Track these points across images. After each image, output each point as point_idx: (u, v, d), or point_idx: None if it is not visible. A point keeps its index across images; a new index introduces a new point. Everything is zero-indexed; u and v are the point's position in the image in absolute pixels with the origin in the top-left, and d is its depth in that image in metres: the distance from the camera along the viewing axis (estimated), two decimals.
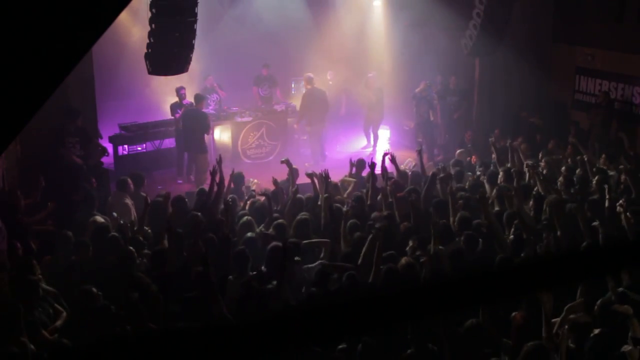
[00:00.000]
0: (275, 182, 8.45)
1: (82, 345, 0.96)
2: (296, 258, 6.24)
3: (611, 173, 8.96)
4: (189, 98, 12.12)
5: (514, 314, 5.26)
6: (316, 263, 6.42)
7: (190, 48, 9.50)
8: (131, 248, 6.40)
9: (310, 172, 8.40)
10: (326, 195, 7.59)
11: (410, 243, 6.62)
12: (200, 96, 11.57)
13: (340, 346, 4.88)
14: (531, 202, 7.89)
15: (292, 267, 6.18)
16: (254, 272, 6.12)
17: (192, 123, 11.41)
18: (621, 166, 8.86)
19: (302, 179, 8.91)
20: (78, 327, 5.49)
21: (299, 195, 8.03)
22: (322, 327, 1.03)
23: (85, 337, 5.29)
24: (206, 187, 8.50)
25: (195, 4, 9.08)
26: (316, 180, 8.24)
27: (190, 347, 0.98)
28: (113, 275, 6.18)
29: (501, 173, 8.90)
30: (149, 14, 8.98)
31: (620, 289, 5.46)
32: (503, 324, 5.30)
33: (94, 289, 5.57)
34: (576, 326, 5.08)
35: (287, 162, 8.75)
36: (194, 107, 11.53)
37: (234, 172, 8.81)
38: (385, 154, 9.43)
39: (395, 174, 9.25)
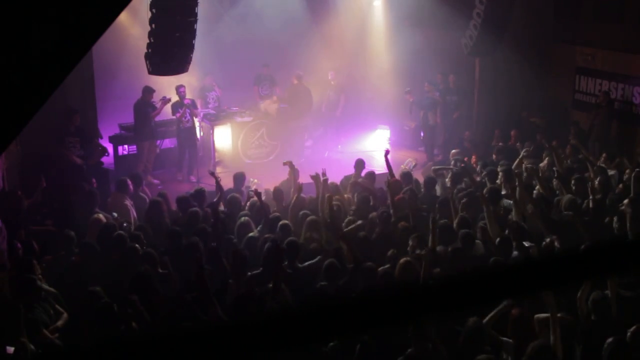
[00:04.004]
0: (290, 164, 8.64)
1: (83, 346, 0.97)
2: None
3: (611, 172, 8.96)
4: (189, 97, 12.13)
5: (512, 310, 5.27)
6: (316, 259, 6.45)
7: (190, 48, 9.50)
8: (137, 245, 6.41)
9: (314, 174, 8.38)
10: (328, 195, 7.62)
11: (410, 242, 6.63)
12: (148, 88, 11.52)
13: (332, 344, 4.87)
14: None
15: (292, 267, 6.20)
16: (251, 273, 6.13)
17: (139, 115, 11.51)
18: (622, 168, 8.87)
19: (303, 179, 8.92)
20: (79, 327, 5.49)
21: (301, 195, 8.07)
22: (318, 327, 1.03)
23: (86, 337, 5.29)
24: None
25: (195, 4, 9.08)
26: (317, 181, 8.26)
27: (185, 348, 0.99)
28: (117, 274, 6.18)
29: (500, 174, 8.92)
30: (149, 14, 8.98)
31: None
32: (502, 323, 5.30)
33: (98, 288, 5.58)
34: (565, 325, 5.09)
35: (290, 164, 8.77)
36: (142, 99, 11.49)
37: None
38: (386, 152, 9.44)
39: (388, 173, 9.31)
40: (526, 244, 6.62)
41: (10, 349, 4.84)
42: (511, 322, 5.17)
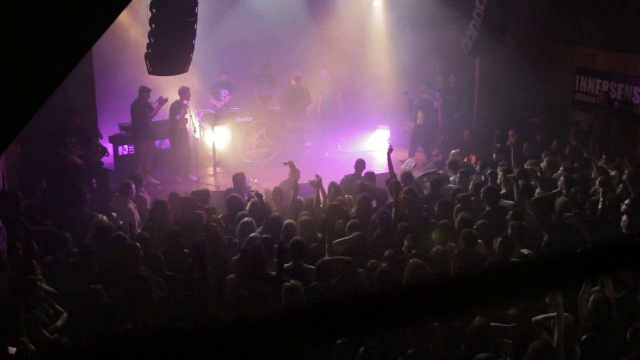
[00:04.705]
0: (291, 164, 8.54)
1: (82, 345, 0.96)
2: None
3: (612, 173, 8.96)
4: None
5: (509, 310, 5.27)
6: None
7: (190, 48, 9.50)
8: (137, 244, 6.41)
9: (312, 180, 8.35)
10: (334, 203, 7.68)
11: (406, 242, 6.63)
12: (144, 88, 11.47)
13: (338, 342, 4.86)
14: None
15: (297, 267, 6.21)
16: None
17: (135, 115, 11.49)
18: (623, 169, 8.87)
19: (303, 179, 8.92)
20: (80, 326, 5.49)
21: (298, 197, 8.07)
22: (319, 327, 1.03)
23: (86, 337, 5.29)
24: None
25: (195, 4, 9.08)
26: (319, 189, 8.25)
27: (183, 347, 0.99)
28: (116, 273, 6.19)
29: (500, 173, 8.92)
30: (149, 14, 8.98)
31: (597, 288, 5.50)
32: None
33: (99, 287, 5.59)
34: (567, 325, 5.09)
35: (290, 164, 8.77)
36: (138, 100, 11.45)
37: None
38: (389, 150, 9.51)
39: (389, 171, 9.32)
40: (525, 251, 6.61)
41: (13, 349, 4.84)
42: (509, 320, 5.17)
